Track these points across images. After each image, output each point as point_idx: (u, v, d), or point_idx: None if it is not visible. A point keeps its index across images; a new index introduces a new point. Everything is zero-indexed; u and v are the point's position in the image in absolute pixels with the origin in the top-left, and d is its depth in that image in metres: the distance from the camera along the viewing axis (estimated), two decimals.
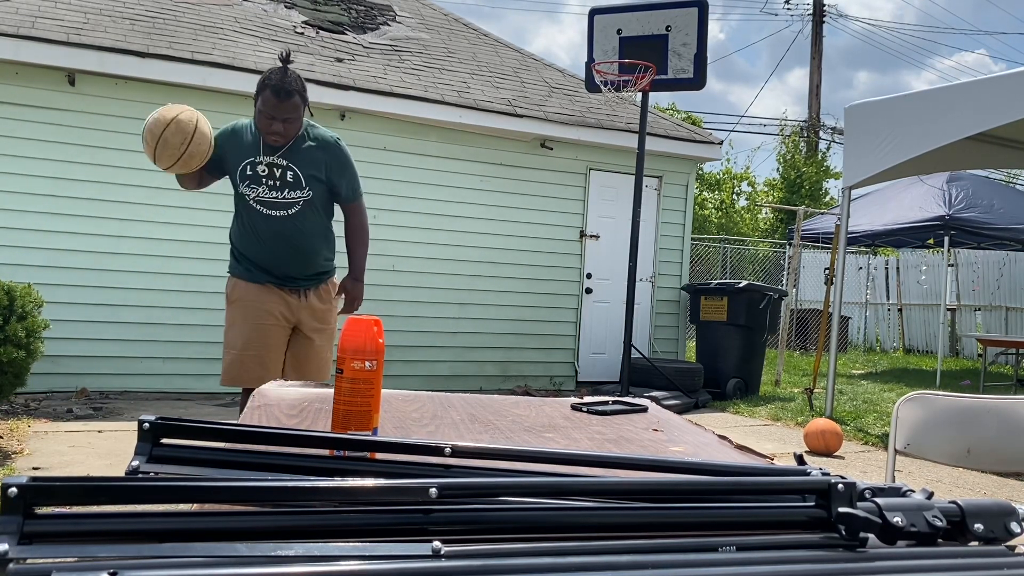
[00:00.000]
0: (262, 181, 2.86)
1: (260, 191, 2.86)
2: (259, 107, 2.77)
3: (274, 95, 2.74)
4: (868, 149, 5.99)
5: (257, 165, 2.85)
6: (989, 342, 9.18)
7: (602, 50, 5.64)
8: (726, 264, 15.00)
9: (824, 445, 5.12)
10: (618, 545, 0.58)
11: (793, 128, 19.85)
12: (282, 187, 2.87)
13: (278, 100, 2.74)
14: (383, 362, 1.09)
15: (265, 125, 2.79)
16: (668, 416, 1.59)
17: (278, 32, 7.26)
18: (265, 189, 2.86)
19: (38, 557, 0.48)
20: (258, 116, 2.79)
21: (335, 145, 2.98)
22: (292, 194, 2.88)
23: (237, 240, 2.96)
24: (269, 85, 2.74)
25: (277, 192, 2.87)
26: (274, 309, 2.90)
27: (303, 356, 3.00)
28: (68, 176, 5.88)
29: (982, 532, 0.65)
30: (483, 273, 7.30)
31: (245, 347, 2.87)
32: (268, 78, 2.76)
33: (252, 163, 2.85)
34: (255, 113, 2.81)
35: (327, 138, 2.97)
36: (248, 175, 2.86)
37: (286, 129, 2.80)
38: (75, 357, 5.87)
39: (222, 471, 0.76)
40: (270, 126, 2.78)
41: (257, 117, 2.80)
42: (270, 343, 2.90)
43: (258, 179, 2.86)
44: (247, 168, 2.85)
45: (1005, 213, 9.87)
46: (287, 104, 2.76)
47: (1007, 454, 1.98)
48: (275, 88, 2.73)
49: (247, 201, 2.88)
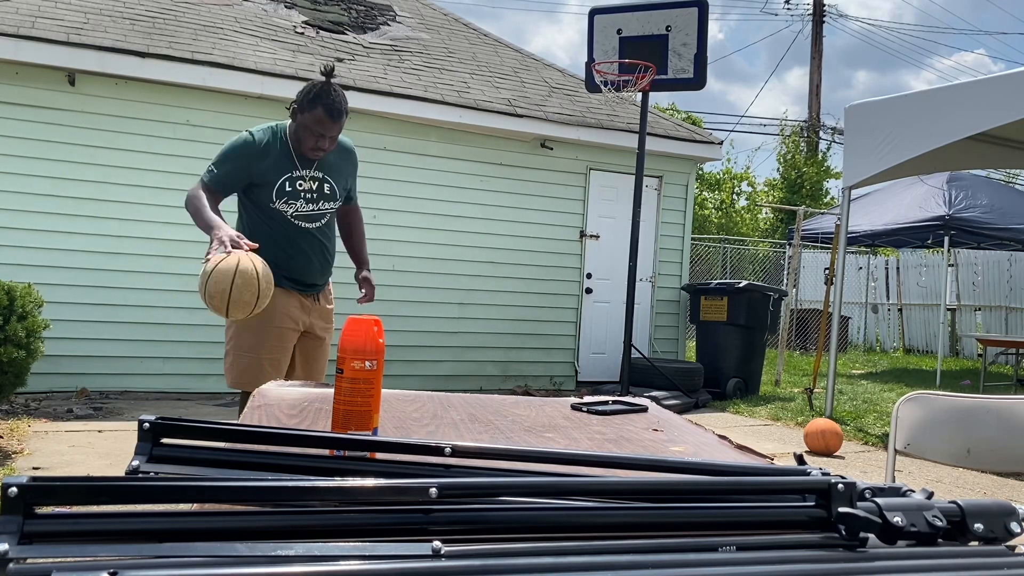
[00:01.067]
0: (300, 195, 2.79)
1: (298, 205, 2.80)
2: (306, 123, 2.69)
3: (327, 114, 2.67)
4: (868, 149, 5.99)
5: (296, 180, 2.78)
6: (989, 342, 9.18)
7: (602, 50, 5.64)
8: (726, 264, 15.00)
9: (824, 445, 5.12)
10: (618, 545, 0.58)
11: (793, 128, 19.86)
12: (318, 199, 2.84)
13: (331, 120, 2.68)
14: (383, 362, 1.09)
15: (311, 142, 2.72)
16: (668, 416, 1.59)
17: (278, 32, 7.26)
18: (302, 203, 2.80)
19: (38, 557, 0.48)
20: (302, 131, 2.71)
21: (353, 152, 3.00)
22: (325, 205, 2.87)
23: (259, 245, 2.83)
24: (322, 103, 2.66)
25: (313, 205, 2.83)
26: (292, 313, 2.86)
27: (314, 356, 2.99)
28: (68, 176, 5.88)
29: (982, 532, 0.65)
30: (483, 273, 7.30)
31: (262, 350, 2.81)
32: (320, 96, 2.67)
33: (291, 179, 2.78)
34: (296, 127, 2.73)
35: (348, 146, 2.97)
36: (287, 191, 2.77)
37: (330, 145, 2.76)
38: (75, 357, 5.87)
39: (222, 471, 0.76)
40: (316, 143, 2.72)
41: (300, 132, 2.72)
42: (286, 346, 2.87)
43: (296, 194, 2.79)
44: (286, 184, 2.77)
45: (1005, 213, 9.86)
46: (339, 123, 2.71)
47: (1007, 454, 1.98)
48: (328, 107, 2.66)
49: (283, 216, 2.79)
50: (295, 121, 2.74)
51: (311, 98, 2.68)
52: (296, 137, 2.75)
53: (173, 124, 6.18)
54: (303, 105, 2.69)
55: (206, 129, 6.27)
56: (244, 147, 2.75)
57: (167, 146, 6.16)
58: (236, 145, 2.75)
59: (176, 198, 6.16)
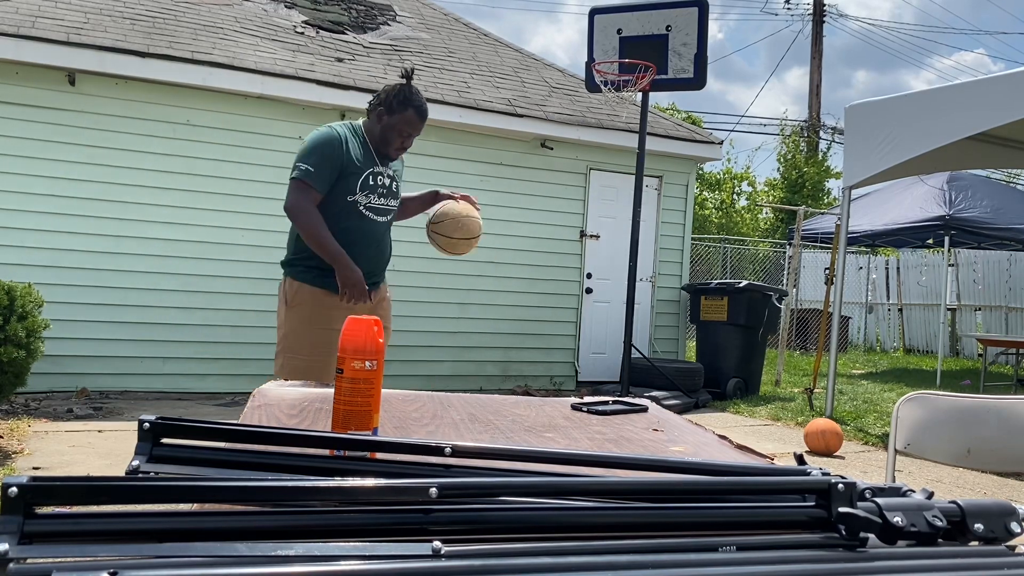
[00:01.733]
0: (377, 190, 2.88)
1: (373, 198, 2.88)
2: (395, 124, 2.81)
3: (417, 115, 2.82)
4: (868, 149, 5.99)
5: (377, 175, 2.88)
6: (989, 342, 9.18)
7: (602, 50, 5.63)
8: (726, 264, 15.00)
9: (824, 445, 5.12)
10: (618, 545, 0.58)
11: (793, 128, 19.85)
12: (388, 195, 2.94)
13: (420, 121, 2.84)
14: (383, 362, 1.09)
15: (398, 141, 2.85)
16: (668, 416, 1.59)
17: (278, 32, 7.26)
18: (376, 197, 2.89)
19: (38, 557, 0.48)
20: (388, 132, 2.83)
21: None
22: (392, 203, 2.97)
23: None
24: (412, 105, 2.81)
25: (384, 200, 2.93)
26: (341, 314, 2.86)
27: None
28: (68, 176, 5.88)
29: (982, 532, 0.65)
30: (483, 273, 7.30)
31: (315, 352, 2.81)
32: (409, 99, 2.81)
33: (373, 173, 2.87)
34: (381, 127, 2.84)
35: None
36: (369, 184, 2.86)
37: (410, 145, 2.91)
38: (75, 357, 5.87)
39: (222, 471, 0.76)
40: (403, 143, 2.86)
41: (386, 132, 2.84)
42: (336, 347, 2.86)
43: (374, 189, 2.87)
44: (369, 178, 2.86)
45: (1005, 213, 9.86)
46: (423, 123, 2.87)
47: (1007, 454, 1.98)
48: (419, 109, 2.82)
49: (357, 208, 2.85)
50: (380, 122, 2.84)
51: (400, 100, 2.80)
52: (380, 137, 2.85)
53: (173, 124, 6.18)
54: (392, 107, 2.81)
55: (206, 129, 6.27)
56: (333, 141, 2.79)
57: (167, 146, 6.16)
58: (325, 140, 2.78)
59: (176, 198, 6.18)
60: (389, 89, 2.85)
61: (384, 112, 2.83)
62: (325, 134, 2.79)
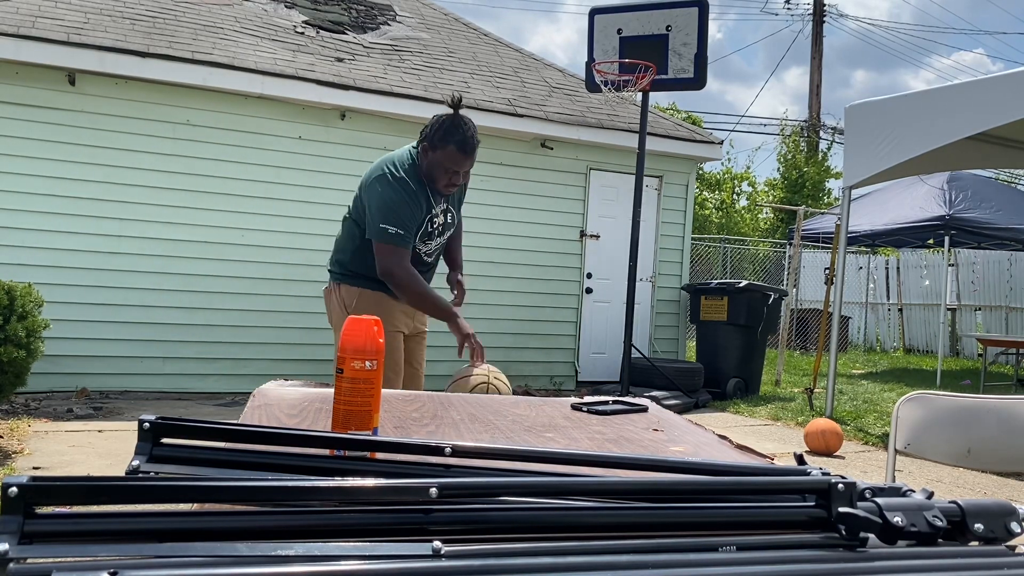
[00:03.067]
0: (434, 234, 2.73)
1: (431, 245, 2.74)
2: (438, 160, 2.55)
3: (460, 151, 2.54)
4: (868, 149, 5.99)
5: (433, 219, 2.69)
6: (989, 342, 9.18)
7: (602, 50, 5.63)
8: (726, 264, 15.00)
9: (824, 445, 5.12)
10: (618, 545, 0.58)
11: (793, 128, 19.85)
12: (444, 231, 2.78)
13: (464, 156, 2.56)
14: (383, 362, 1.09)
15: (446, 179, 2.59)
16: (668, 416, 1.59)
17: (278, 32, 7.26)
18: (433, 243, 2.75)
19: (38, 557, 0.48)
20: (434, 168, 2.57)
21: None
22: (447, 234, 2.82)
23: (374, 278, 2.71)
24: (453, 140, 2.53)
25: (440, 237, 2.79)
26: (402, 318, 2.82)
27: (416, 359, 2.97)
28: (68, 176, 5.88)
29: (982, 532, 0.65)
30: (483, 273, 7.29)
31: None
32: (451, 132, 2.53)
33: (431, 218, 2.67)
34: (427, 164, 2.58)
35: None
36: (428, 232, 2.69)
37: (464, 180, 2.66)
38: (75, 357, 5.87)
39: (222, 471, 0.76)
40: (450, 179, 2.60)
41: (432, 169, 2.58)
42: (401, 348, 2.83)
43: (431, 233, 2.71)
44: (428, 225, 2.67)
45: (1005, 213, 9.86)
46: (472, 158, 2.59)
47: (1007, 454, 1.98)
48: (461, 144, 2.53)
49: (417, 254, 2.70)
50: (426, 157, 2.59)
51: (442, 134, 2.54)
52: (426, 172, 2.61)
53: (173, 124, 6.18)
54: (433, 141, 2.55)
55: (206, 129, 6.27)
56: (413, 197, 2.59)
57: (167, 146, 6.16)
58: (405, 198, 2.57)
59: (176, 198, 6.18)
60: (434, 120, 2.59)
61: (428, 147, 2.57)
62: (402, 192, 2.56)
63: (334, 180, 6.55)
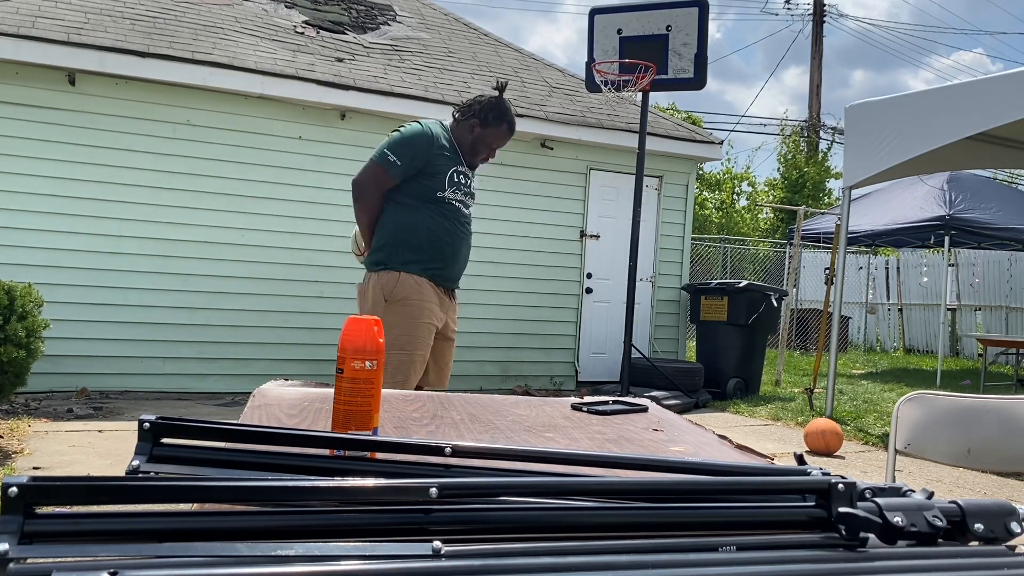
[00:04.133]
0: (462, 188, 2.93)
1: (460, 195, 2.93)
2: (486, 136, 2.89)
3: (509, 130, 2.93)
4: (868, 149, 5.99)
5: (461, 173, 2.93)
6: (989, 342, 9.18)
7: (602, 50, 5.63)
8: (726, 264, 15.00)
9: (824, 445, 5.12)
10: (618, 545, 0.58)
11: (793, 128, 19.85)
12: (468, 195, 2.98)
13: (510, 134, 2.95)
14: (383, 362, 1.09)
15: (485, 153, 2.94)
16: (668, 416, 1.59)
17: (278, 32, 7.26)
18: (461, 194, 2.94)
19: (38, 557, 0.48)
20: (479, 143, 2.90)
21: None
22: (472, 203, 3.04)
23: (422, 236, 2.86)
24: (507, 121, 2.90)
25: (468, 198, 2.99)
26: (435, 311, 2.89)
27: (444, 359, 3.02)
28: (68, 176, 5.88)
29: (982, 532, 0.65)
30: (483, 273, 7.29)
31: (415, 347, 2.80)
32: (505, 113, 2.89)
33: (458, 171, 2.91)
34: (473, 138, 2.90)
35: None
36: (455, 181, 2.90)
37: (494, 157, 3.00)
38: (75, 357, 5.87)
39: (222, 471, 0.76)
40: (489, 154, 2.96)
41: (477, 143, 2.90)
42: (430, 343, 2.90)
43: (459, 186, 2.92)
44: (455, 175, 2.90)
45: (1005, 213, 9.86)
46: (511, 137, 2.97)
47: (1007, 454, 1.98)
48: (512, 124, 2.94)
49: (451, 204, 2.90)
50: (472, 133, 2.90)
51: (496, 114, 2.89)
52: (469, 146, 2.92)
53: (173, 124, 6.18)
54: (487, 120, 2.88)
55: (206, 129, 6.27)
56: (424, 135, 2.83)
57: (167, 146, 6.16)
58: (416, 133, 2.83)
59: (176, 198, 6.18)
60: (484, 101, 2.90)
61: (478, 124, 2.89)
62: (418, 129, 2.83)
63: (334, 180, 6.55)
